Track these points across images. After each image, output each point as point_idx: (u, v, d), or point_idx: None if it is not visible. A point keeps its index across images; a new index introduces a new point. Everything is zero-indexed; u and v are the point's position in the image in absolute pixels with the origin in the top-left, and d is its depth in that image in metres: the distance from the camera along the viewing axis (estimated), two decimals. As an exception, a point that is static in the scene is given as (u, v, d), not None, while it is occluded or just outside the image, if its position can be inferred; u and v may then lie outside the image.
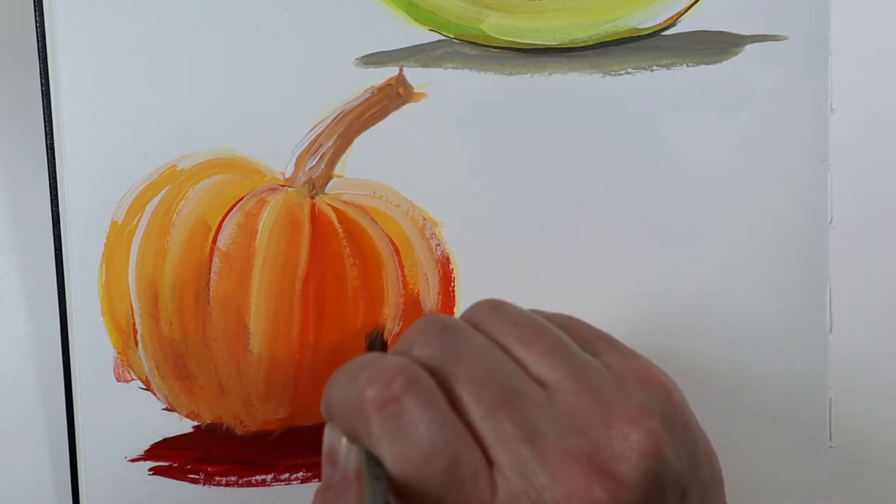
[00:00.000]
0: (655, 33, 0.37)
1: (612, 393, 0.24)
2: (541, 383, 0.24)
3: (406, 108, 0.36)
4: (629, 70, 0.37)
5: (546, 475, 0.22)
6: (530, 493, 0.22)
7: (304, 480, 0.36)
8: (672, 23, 0.37)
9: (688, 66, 0.37)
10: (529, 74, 0.36)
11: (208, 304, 0.35)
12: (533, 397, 0.23)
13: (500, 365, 0.24)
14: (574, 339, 0.25)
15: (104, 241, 0.34)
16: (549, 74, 0.36)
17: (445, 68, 0.36)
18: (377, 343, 0.34)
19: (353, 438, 0.24)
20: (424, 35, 0.35)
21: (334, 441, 0.25)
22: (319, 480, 0.36)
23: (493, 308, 0.26)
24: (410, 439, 0.22)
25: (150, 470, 0.35)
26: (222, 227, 0.35)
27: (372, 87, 0.35)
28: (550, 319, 0.26)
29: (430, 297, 0.36)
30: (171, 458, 0.35)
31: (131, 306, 0.34)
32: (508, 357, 0.24)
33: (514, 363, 0.24)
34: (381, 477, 0.22)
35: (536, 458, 0.22)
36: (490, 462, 0.23)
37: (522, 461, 0.22)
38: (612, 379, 0.24)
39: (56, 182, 0.34)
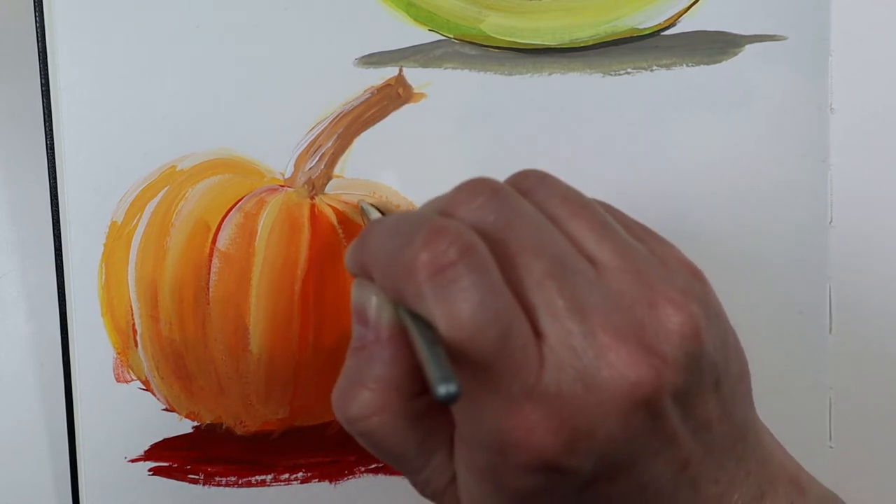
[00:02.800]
0: (655, 33, 0.37)
1: (656, 274, 0.24)
2: (590, 259, 0.24)
3: (406, 109, 0.36)
4: (629, 70, 0.37)
5: (593, 350, 0.22)
6: (577, 366, 0.22)
7: (304, 480, 0.36)
8: (672, 23, 0.37)
9: (688, 66, 0.37)
10: (529, 74, 0.36)
11: (208, 304, 0.35)
12: (583, 272, 0.23)
13: (552, 236, 0.24)
14: (616, 221, 0.25)
15: (104, 241, 0.34)
16: (549, 74, 0.36)
17: (445, 68, 0.36)
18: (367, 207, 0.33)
19: (398, 299, 0.23)
20: (424, 35, 0.35)
21: (364, 299, 0.24)
22: (319, 480, 0.36)
23: (541, 178, 0.25)
24: (464, 307, 0.22)
25: (149, 470, 0.35)
26: (222, 227, 0.35)
27: (372, 87, 0.35)
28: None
29: (429, 298, 0.36)
30: (171, 458, 0.35)
31: (131, 307, 0.34)
32: (559, 230, 0.24)
33: (565, 237, 0.24)
34: (436, 342, 0.22)
35: (584, 333, 0.22)
36: (538, 333, 0.22)
37: (571, 334, 0.22)
38: (655, 261, 0.24)
39: (56, 182, 0.34)
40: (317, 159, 0.35)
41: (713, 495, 0.25)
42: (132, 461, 0.35)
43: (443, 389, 0.20)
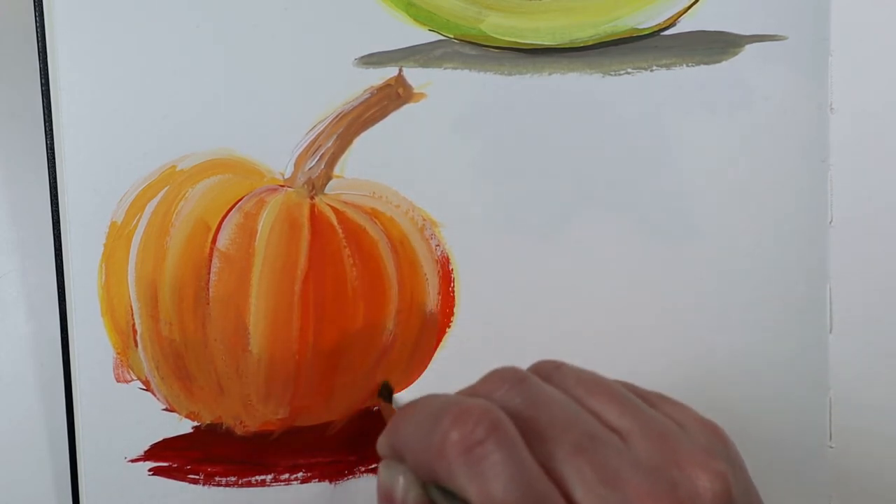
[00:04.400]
0: (655, 33, 0.37)
1: (679, 438, 0.25)
2: (614, 430, 0.25)
3: (406, 109, 0.36)
4: (629, 70, 0.37)
5: None
6: None
7: (304, 481, 0.36)
8: (672, 23, 0.37)
9: (687, 66, 0.37)
10: (529, 74, 0.36)
11: (208, 304, 0.35)
12: (611, 442, 0.24)
13: (578, 412, 0.25)
14: (631, 393, 0.27)
15: (104, 241, 0.34)
16: (549, 74, 0.36)
17: (445, 68, 0.36)
18: (385, 393, 0.35)
19: (431, 478, 0.24)
20: (424, 35, 0.35)
21: (391, 480, 0.26)
22: (319, 480, 0.36)
23: (556, 366, 0.27)
24: (496, 483, 0.23)
25: (149, 470, 0.35)
26: (222, 227, 0.35)
27: (371, 87, 0.35)
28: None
29: (430, 297, 0.36)
30: (171, 458, 0.35)
31: (131, 307, 0.34)
32: (581, 407, 0.25)
33: (588, 412, 0.25)
34: None
35: (620, 500, 0.23)
36: None
37: (606, 502, 0.23)
38: (675, 426, 0.26)
39: (56, 182, 0.34)
40: (317, 159, 0.35)
41: None
42: (132, 461, 0.35)
43: None
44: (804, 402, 0.38)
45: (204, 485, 0.35)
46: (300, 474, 0.36)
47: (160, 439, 0.35)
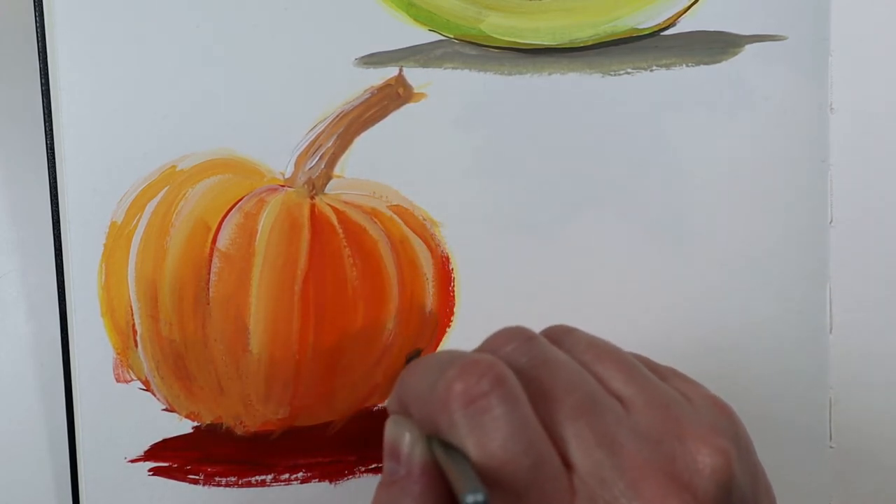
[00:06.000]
0: (655, 33, 0.37)
1: (683, 411, 0.25)
2: (618, 397, 0.25)
3: (406, 108, 0.36)
4: (629, 70, 0.37)
5: (624, 482, 0.23)
6: (607, 497, 0.23)
7: (304, 481, 0.36)
8: (672, 23, 0.37)
9: (687, 66, 0.37)
10: (529, 74, 0.36)
11: (208, 304, 0.35)
12: (612, 408, 0.24)
13: (582, 376, 0.25)
14: (642, 364, 0.27)
15: (104, 241, 0.34)
16: (549, 74, 0.36)
17: (445, 68, 0.36)
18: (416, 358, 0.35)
19: (432, 430, 0.24)
20: (424, 35, 0.35)
21: (397, 435, 0.25)
22: (319, 480, 0.36)
23: (567, 331, 0.27)
24: (496, 436, 0.23)
25: (149, 471, 0.35)
26: (222, 227, 0.35)
27: (372, 87, 0.35)
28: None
29: (429, 297, 0.36)
30: (171, 458, 0.35)
31: (131, 307, 0.34)
32: (588, 371, 0.25)
33: (594, 377, 0.25)
34: (466, 463, 0.23)
35: (615, 466, 0.23)
36: (569, 465, 0.23)
37: (601, 466, 0.23)
38: (682, 399, 0.25)
39: (56, 182, 0.34)
40: (317, 159, 0.35)
41: None
42: (132, 461, 0.35)
43: (470, 498, 0.21)
44: (804, 402, 0.38)
45: (204, 485, 0.35)
46: (300, 474, 0.36)
47: (160, 439, 0.35)
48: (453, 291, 0.36)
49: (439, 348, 0.36)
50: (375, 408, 0.36)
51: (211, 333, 0.35)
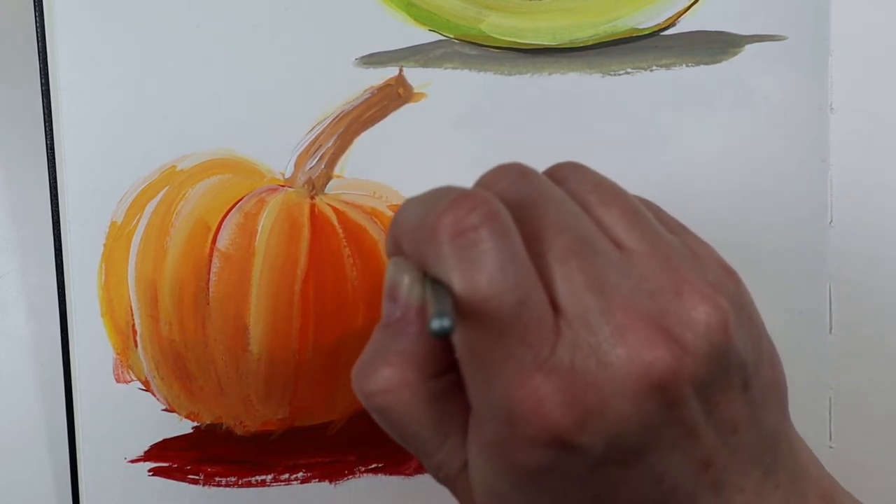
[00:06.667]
0: (655, 33, 0.37)
1: (685, 264, 0.24)
2: (617, 244, 0.24)
3: (406, 108, 0.36)
4: (629, 70, 0.37)
5: (610, 328, 0.22)
6: (592, 342, 0.22)
7: (304, 481, 0.36)
8: (672, 23, 0.37)
9: (687, 66, 0.37)
10: (529, 74, 0.36)
11: (208, 304, 0.35)
12: (606, 253, 0.23)
13: (579, 217, 0.24)
14: (651, 213, 0.25)
15: (104, 241, 0.34)
16: (549, 74, 0.36)
17: (445, 68, 0.36)
18: None
19: (421, 263, 0.23)
20: (424, 35, 0.35)
21: (397, 277, 0.24)
22: (319, 480, 0.36)
23: (575, 168, 0.26)
24: (483, 270, 0.22)
25: (149, 471, 0.35)
26: (222, 227, 0.35)
27: (372, 87, 0.35)
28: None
29: (429, 298, 0.36)
30: (171, 458, 0.35)
31: (131, 307, 0.34)
32: (587, 214, 0.24)
33: (593, 220, 0.24)
34: (445, 291, 0.22)
35: (602, 310, 0.22)
36: (556, 308, 0.22)
37: (588, 310, 0.22)
38: (687, 252, 0.24)
39: (56, 182, 0.34)
40: (317, 159, 0.35)
41: None
42: (132, 461, 0.35)
43: (436, 324, 0.20)
44: (804, 402, 0.38)
45: (204, 485, 0.35)
46: (300, 474, 0.36)
47: (160, 440, 0.35)
48: (453, 291, 0.36)
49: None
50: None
51: (211, 333, 0.35)
